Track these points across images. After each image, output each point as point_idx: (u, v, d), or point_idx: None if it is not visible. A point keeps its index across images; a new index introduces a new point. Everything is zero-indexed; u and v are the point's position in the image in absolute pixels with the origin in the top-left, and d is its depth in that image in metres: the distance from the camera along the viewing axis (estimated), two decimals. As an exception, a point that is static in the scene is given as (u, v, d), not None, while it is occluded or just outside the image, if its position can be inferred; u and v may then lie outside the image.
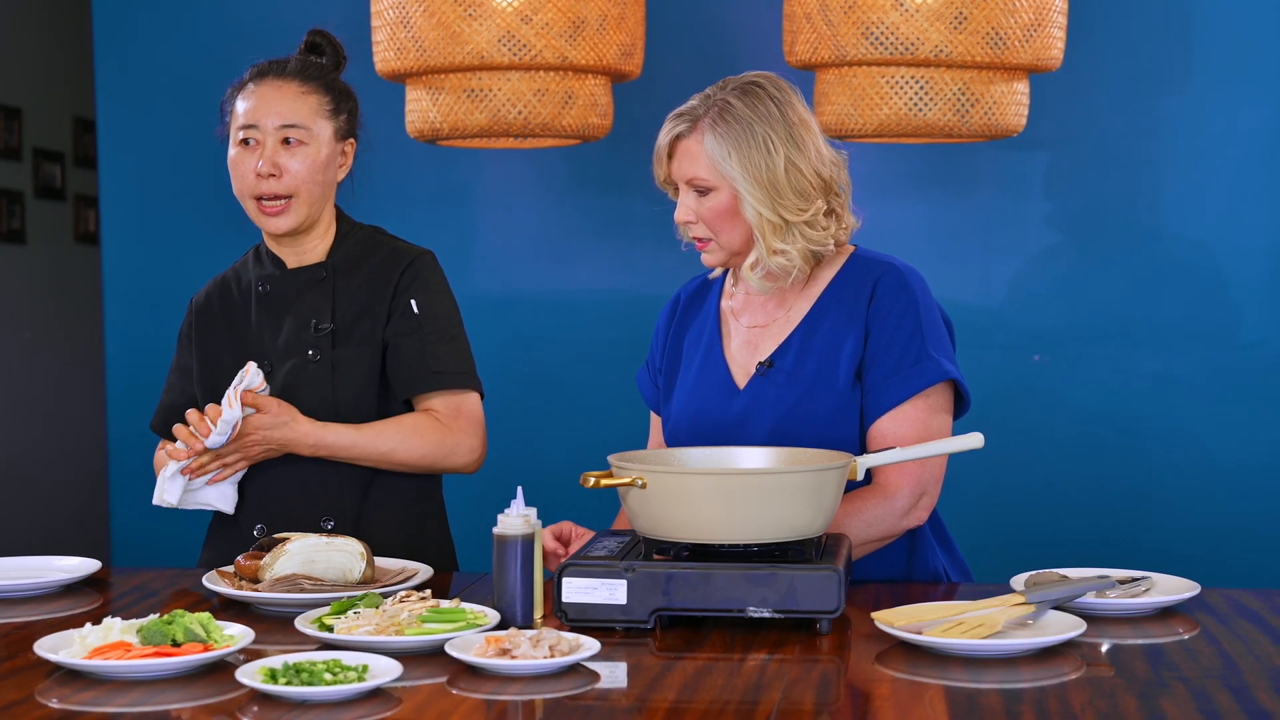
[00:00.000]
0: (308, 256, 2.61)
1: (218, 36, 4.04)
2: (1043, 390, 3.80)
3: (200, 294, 2.71)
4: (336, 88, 2.61)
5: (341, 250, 2.62)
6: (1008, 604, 1.99)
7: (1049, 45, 3.19)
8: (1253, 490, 3.74)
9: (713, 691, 1.78)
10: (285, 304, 2.59)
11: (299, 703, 1.73)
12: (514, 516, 2.06)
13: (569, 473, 2.41)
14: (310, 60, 2.63)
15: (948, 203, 3.80)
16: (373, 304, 2.57)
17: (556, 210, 3.96)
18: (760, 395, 2.39)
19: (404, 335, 2.55)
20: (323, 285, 2.58)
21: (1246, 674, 1.83)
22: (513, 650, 1.84)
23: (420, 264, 2.61)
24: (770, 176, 2.31)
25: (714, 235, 2.38)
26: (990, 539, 3.74)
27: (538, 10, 3.14)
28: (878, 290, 2.36)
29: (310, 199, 2.55)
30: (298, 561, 2.22)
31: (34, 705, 1.75)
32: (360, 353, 2.55)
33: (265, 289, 2.61)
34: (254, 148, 2.54)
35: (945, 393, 2.37)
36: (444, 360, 2.56)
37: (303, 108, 2.55)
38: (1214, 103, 3.72)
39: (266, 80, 2.57)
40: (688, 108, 2.38)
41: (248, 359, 2.54)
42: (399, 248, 2.64)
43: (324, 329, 2.55)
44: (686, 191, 2.38)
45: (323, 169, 2.56)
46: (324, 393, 2.53)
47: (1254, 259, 3.73)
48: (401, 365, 2.55)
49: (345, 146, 2.62)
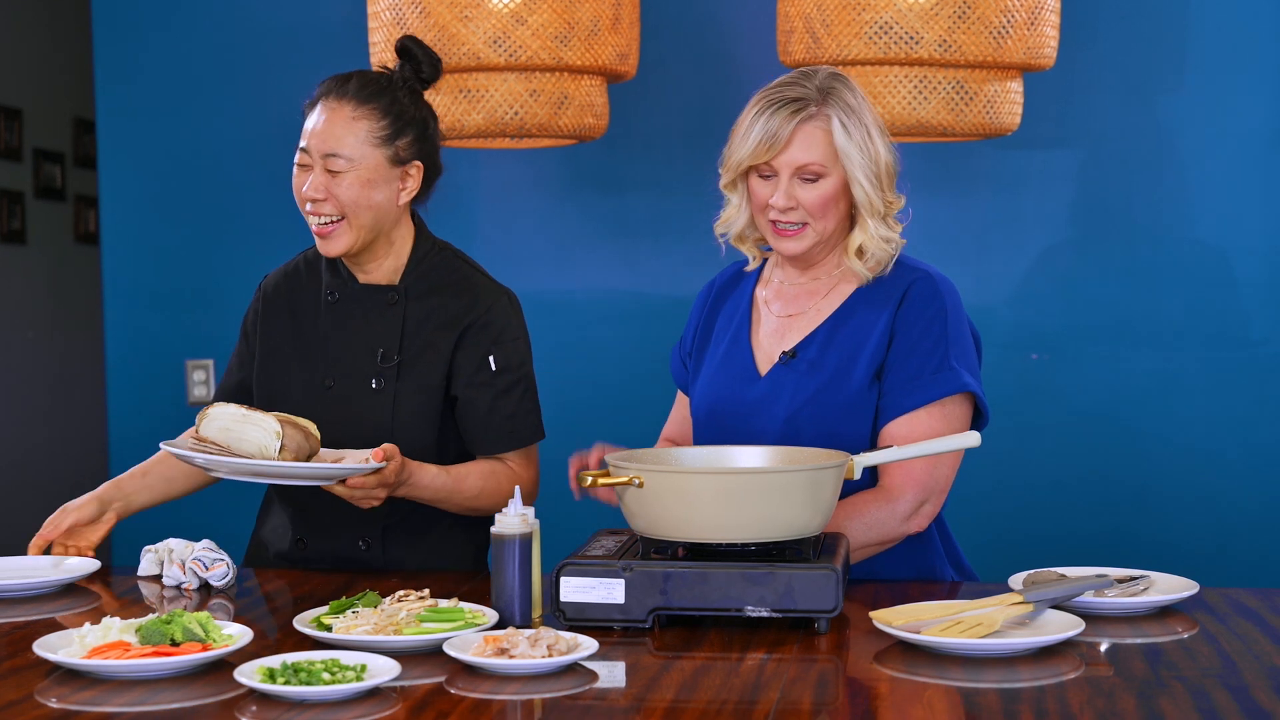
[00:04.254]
0: (376, 275, 2.56)
1: (218, 37, 4.04)
2: (1041, 389, 3.80)
3: (270, 280, 2.66)
4: (398, 109, 2.50)
5: (415, 273, 2.55)
6: (1006, 603, 1.99)
7: (1042, 44, 3.19)
8: (1252, 489, 3.74)
9: (711, 691, 1.78)
10: (352, 319, 2.54)
11: (297, 702, 1.73)
12: (512, 516, 2.06)
13: (567, 472, 2.41)
14: (380, 75, 2.53)
15: (944, 202, 3.80)
16: (439, 340, 2.52)
17: (554, 210, 3.96)
18: (779, 384, 2.39)
19: (481, 392, 2.51)
20: (393, 310, 2.53)
21: (1245, 673, 1.83)
22: (511, 650, 1.84)
23: (498, 309, 2.55)
24: (876, 166, 2.35)
25: (810, 222, 2.37)
26: (989, 538, 3.74)
27: (532, 12, 3.14)
28: (909, 295, 2.36)
29: (360, 223, 2.48)
30: (216, 428, 2.30)
31: (33, 705, 1.75)
32: (424, 392, 2.51)
33: (334, 298, 2.56)
34: (306, 169, 2.49)
35: (963, 405, 2.36)
36: (520, 418, 2.54)
37: (349, 136, 2.45)
38: (1209, 101, 3.72)
39: (325, 101, 2.49)
40: (791, 93, 2.34)
41: (308, 361, 2.54)
42: (478, 284, 2.57)
43: (391, 361, 2.51)
44: (789, 179, 2.35)
45: (373, 195, 2.47)
46: (383, 423, 2.49)
47: (1253, 257, 3.72)
48: (478, 424, 2.52)
49: (409, 169, 2.51)
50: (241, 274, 3.87)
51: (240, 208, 4.06)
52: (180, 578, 2.36)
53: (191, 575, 2.35)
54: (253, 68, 4.01)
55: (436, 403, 2.52)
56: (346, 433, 2.47)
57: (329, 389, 2.52)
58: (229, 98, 4.03)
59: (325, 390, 2.52)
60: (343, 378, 2.53)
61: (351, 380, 2.52)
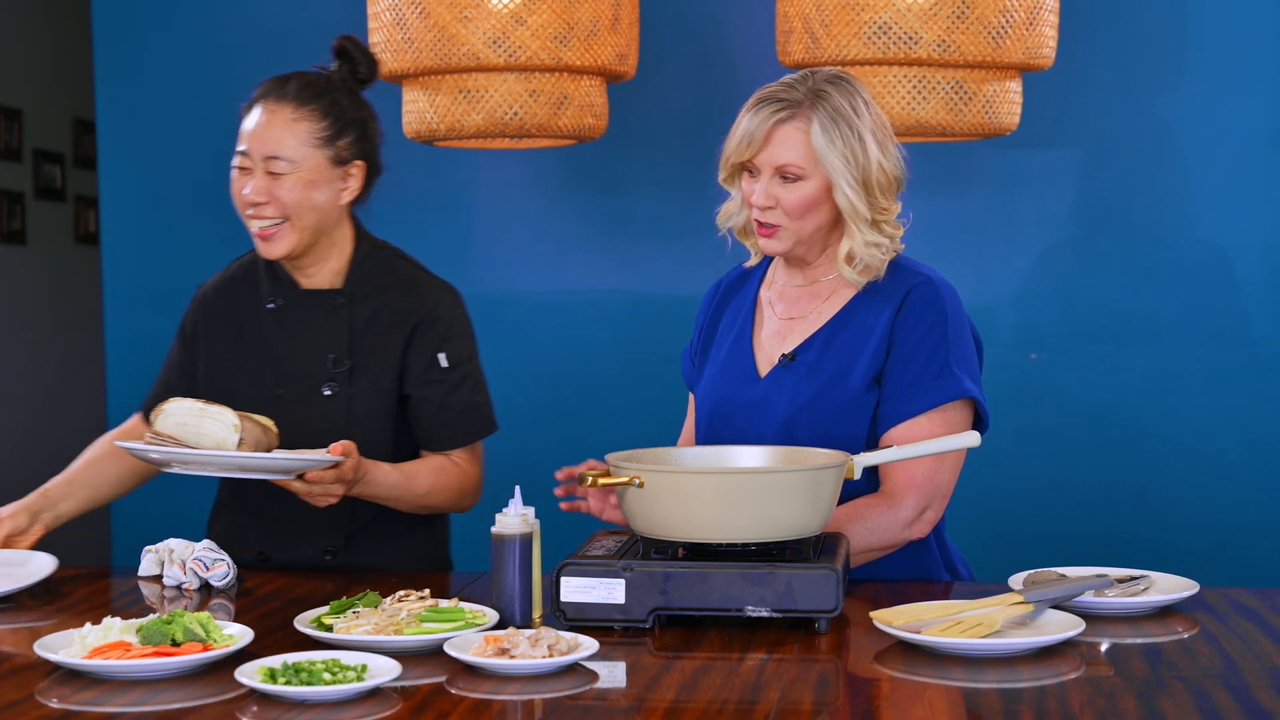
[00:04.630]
0: (319, 279, 2.56)
1: (218, 37, 4.04)
2: (1041, 389, 3.81)
3: (209, 288, 2.65)
4: (338, 109, 2.52)
5: (359, 274, 2.56)
6: (1006, 603, 1.99)
7: (1041, 44, 3.19)
8: (1252, 489, 3.74)
9: (711, 691, 1.78)
10: (298, 325, 2.55)
11: (298, 702, 1.73)
12: (512, 516, 2.06)
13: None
14: (320, 77, 2.54)
15: (943, 202, 3.80)
16: (388, 340, 2.53)
17: (553, 210, 3.96)
18: (779, 386, 2.39)
19: (433, 389, 2.53)
20: (339, 313, 2.54)
21: (1246, 673, 1.83)
22: (511, 650, 1.84)
23: (444, 306, 2.57)
24: (865, 171, 2.32)
25: (787, 223, 2.36)
26: (989, 538, 3.74)
27: (532, 12, 3.14)
28: (909, 300, 2.35)
29: (303, 225, 2.48)
30: (173, 423, 2.28)
31: (34, 705, 1.75)
32: (378, 394, 2.52)
33: (277, 305, 2.56)
34: (247, 173, 2.49)
35: (963, 410, 2.35)
36: (470, 416, 2.56)
37: (290, 137, 2.47)
38: (1209, 100, 3.72)
39: (264, 103, 2.50)
40: (779, 93, 2.34)
41: (256, 370, 2.53)
42: (421, 282, 2.59)
43: (342, 365, 2.52)
44: (770, 178, 2.34)
45: (314, 196, 2.48)
46: (338, 428, 2.50)
47: (1252, 256, 3.73)
48: (431, 420, 2.54)
49: (351, 169, 2.53)
50: (241, 274, 3.88)
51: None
52: (181, 578, 2.36)
53: (192, 575, 2.35)
54: (253, 68, 3.98)
55: (391, 403, 2.54)
56: (302, 440, 2.48)
57: (279, 397, 2.51)
58: (229, 98, 4.00)
59: (276, 399, 2.51)
60: (293, 385, 2.52)
61: (303, 387, 2.52)
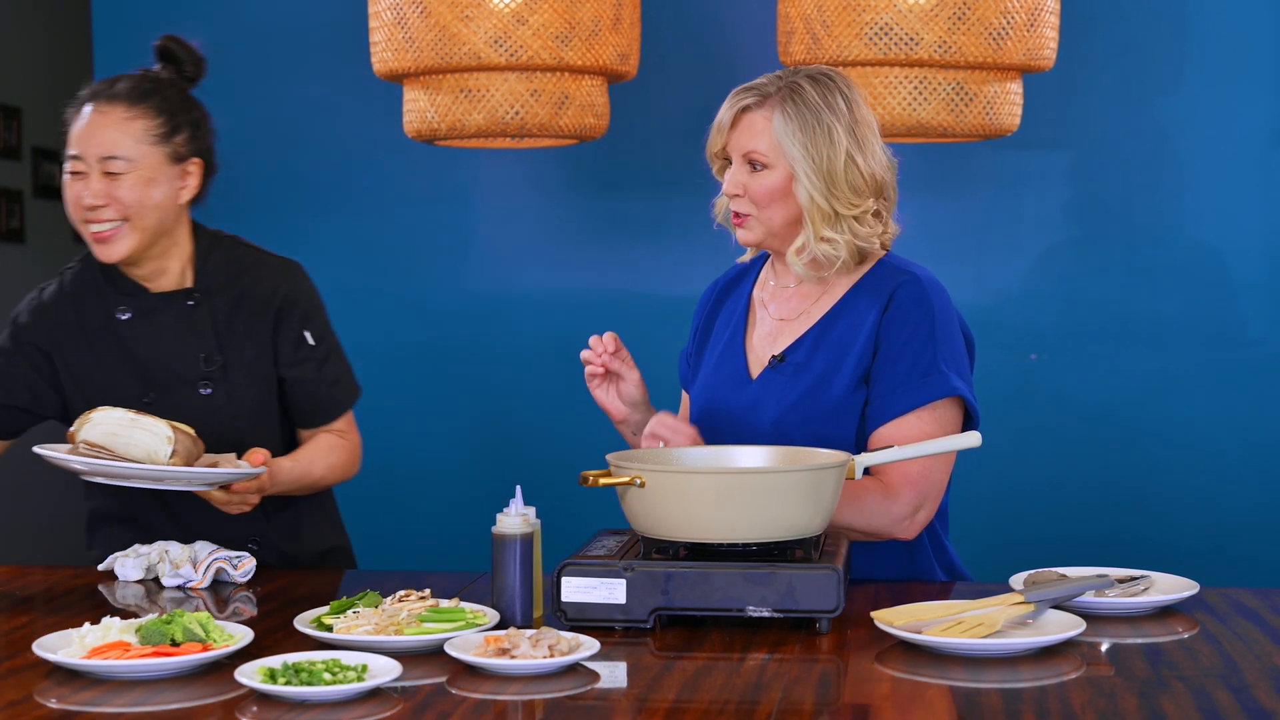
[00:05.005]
0: (166, 280, 2.53)
1: (217, 37, 4.02)
2: (1041, 389, 3.80)
3: (45, 304, 2.55)
4: (171, 106, 2.49)
5: (207, 269, 2.54)
6: (1007, 603, 1.99)
7: (1042, 45, 3.19)
8: (1252, 489, 3.75)
9: (713, 691, 1.78)
10: (157, 331, 2.51)
11: (298, 703, 1.73)
12: (513, 516, 2.06)
13: (568, 472, 2.41)
14: (148, 77, 2.52)
15: (943, 202, 3.80)
16: (255, 328, 2.54)
17: (554, 210, 3.96)
18: (769, 387, 2.39)
19: (306, 368, 2.56)
20: (197, 313, 2.52)
21: (1246, 673, 1.83)
22: (512, 650, 1.84)
23: (297, 285, 2.59)
24: (829, 166, 2.32)
25: (756, 212, 2.37)
26: (989, 538, 3.74)
27: (533, 12, 3.14)
28: (894, 299, 2.35)
29: (144, 225, 2.45)
30: (100, 432, 2.26)
31: (33, 705, 1.75)
32: (257, 383, 2.54)
33: (128, 315, 2.52)
34: (82, 177, 2.44)
35: (952, 408, 2.35)
36: (342, 386, 2.62)
37: (126, 136, 2.43)
38: (1208, 101, 3.72)
39: (95, 104, 2.46)
40: (757, 83, 2.37)
41: (121, 383, 2.50)
42: (271, 264, 2.60)
43: (215, 362, 2.51)
44: (740, 165, 2.37)
45: (154, 194, 2.45)
46: (227, 425, 2.50)
47: (1251, 257, 3.73)
48: (308, 399, 2.58)
49: (188, 167, 2.51)
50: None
51: (239, 208, 4.05)
52: (192, 577, 2.36)
53: (206, 574, 2.35)
54: (253, 67, 4.00)
55: (272, 390, 2.56)
56: None
57: (149, 405, 2.49)
58: (228, 97, 4.01)
59: (147, 407, 2.48)
60: (165, 392, 2.51)
61: (178, 392, 2.51)
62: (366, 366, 4.05)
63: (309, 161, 4.01)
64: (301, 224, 4.02)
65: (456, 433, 4.01)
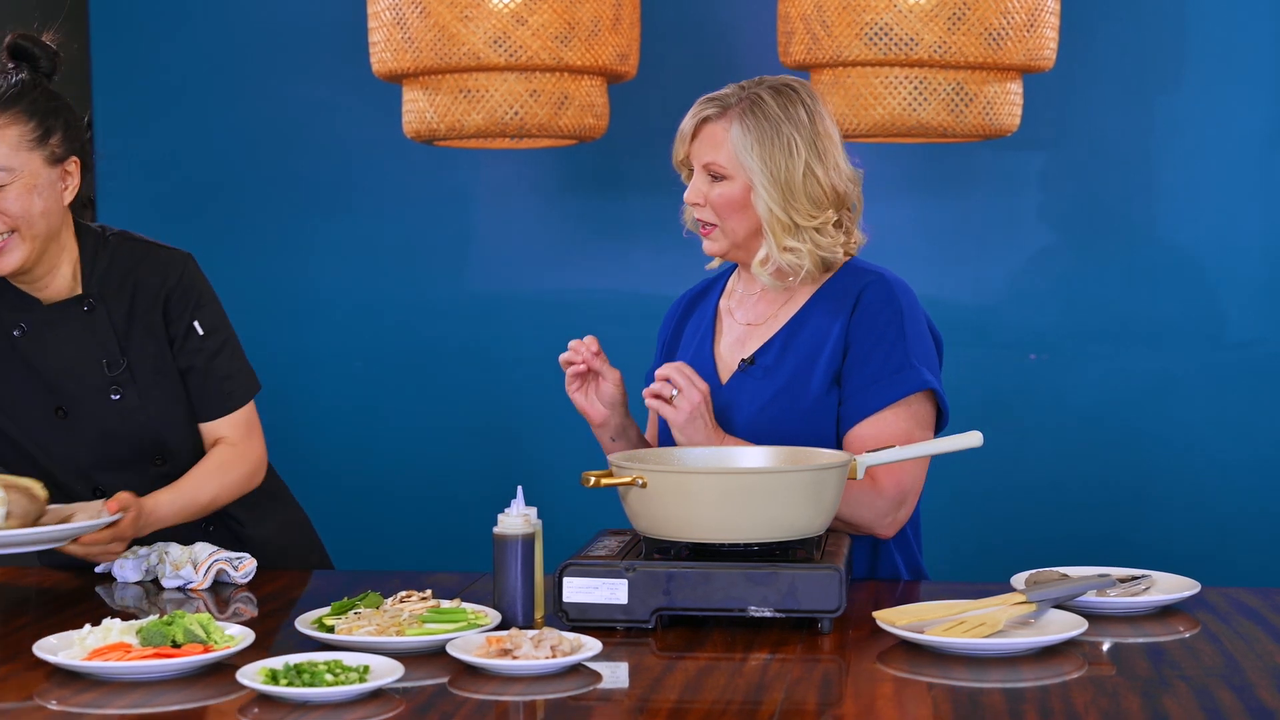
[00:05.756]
0: (57, 287, 2.48)
1: (216, 37, 4.04)
2: (1040, 390, 3.80)
3: None
4: (41, 108, 2.43)
5: (96, 271, 2.49)
6: (1009, 603, 1.99)
7: (1042, 45, 3.19)
8: (1251, 488, 3.75)
9: (715, 691, 1.78)
10: (56, 343, 2.47)
11: (300, 704, 1.73)
12: (514, 516, 2.06)
13: (569, 472, 2.41)
14: (9, 82, 2.43)
15: (943, 203, 3.80)
16: (150, 322, 2.50)
17: (553, 211, 3.96)
18: (739, 391, 2.40)
19: (195, 358, 2.52)
20: (93, 318, 2.47)
21: (1248, 672, 1.83)
22: (514, 650, 1.84)
23: (188, 276, 2.54)
24: (787, 177, 2.33)
25: (719, 222, 2.39)
26: (989, 538, 3.74)
27: (532, 12, 3.14)
28: (862, 299, 2.36)
29: (34, 233, 2.39)
30: None
31: (34, 707, 1.75)
32: (164, 380, 2.51)
33: (25, 330, 2.47)
34: None
35: (926, 403, 2.36)
36: (232, 379, 2.56)
37: (1, 146, 2.36)
38: (1207, 102, 3.72)
39: None
40: (719, 94, 2.40)
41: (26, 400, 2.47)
42: (159, 255, 2.54)
43: (119, 365, 2.48)
44: (701, 175, 2.39)
45: (39, 201, 2.39)
46: (144, 427, 2.49)
47: (1250, 257, 3.73)
48: (198, 393, 2.54)
49: (67, 167, 2.45)
50: (241, 274, 3.87)
51: (239, 208, 4.05)
52: (193, 578, 2.35)
53: (207, 576, 2.35)
54: (252, 68, 4.00)
55: (179, 382, 2.53)
56: (111, 451, 2.47)
57: (65, 418, 2.47)
58: (229, 98, 4.03)
59: (63, 421, 2.47)
60: (76, 402, 2.48)
61: (90, 400, 2.48)
62: (366, 366, 4.06)
63: (308, 162, 4.01)
64: (301, 224, 4.02)
65: (457, 433, 4.00)
